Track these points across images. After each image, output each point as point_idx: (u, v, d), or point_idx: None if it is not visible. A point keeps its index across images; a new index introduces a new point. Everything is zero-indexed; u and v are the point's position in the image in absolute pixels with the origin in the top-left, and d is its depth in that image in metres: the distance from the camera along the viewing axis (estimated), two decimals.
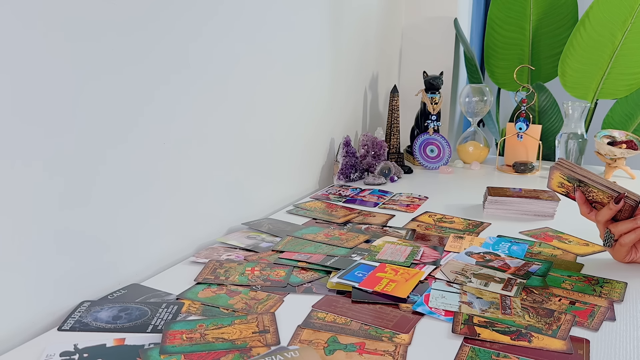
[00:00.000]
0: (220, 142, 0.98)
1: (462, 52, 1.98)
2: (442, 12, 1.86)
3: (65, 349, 0.62)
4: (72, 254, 0.71)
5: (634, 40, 1.73)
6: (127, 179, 0.78)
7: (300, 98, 1.26)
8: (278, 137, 1.18)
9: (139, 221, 0.82)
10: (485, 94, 1.61)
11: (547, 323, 0.68)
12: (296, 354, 0.59)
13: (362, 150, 1.45)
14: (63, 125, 0.67)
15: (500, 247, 0.94)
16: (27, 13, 0.61)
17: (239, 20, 0.99)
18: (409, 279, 0.80)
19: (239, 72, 1.01)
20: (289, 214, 1.14)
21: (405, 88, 1.87)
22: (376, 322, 0.68)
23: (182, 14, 0.85)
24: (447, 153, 1.57)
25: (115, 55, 0.73)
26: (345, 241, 0.95)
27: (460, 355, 0.62)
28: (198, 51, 0.89)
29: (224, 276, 0.81)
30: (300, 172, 1.30)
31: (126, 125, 0.77)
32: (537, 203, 1.13)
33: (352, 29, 1.50)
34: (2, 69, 0.59)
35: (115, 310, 0.71)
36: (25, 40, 0.61)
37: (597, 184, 0.83)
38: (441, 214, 1.14)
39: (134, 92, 0.78)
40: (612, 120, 1.92)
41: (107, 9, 0.71)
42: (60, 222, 0.69)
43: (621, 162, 1.48)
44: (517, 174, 1.54)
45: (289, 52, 1.18)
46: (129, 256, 0.81)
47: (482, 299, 0.74)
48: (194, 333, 0.65)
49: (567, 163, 0.87)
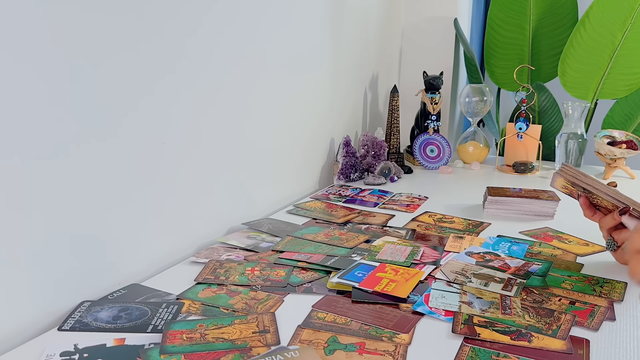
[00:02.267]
0: (221, 142, 0.98)
1: (462, 52, 1.98)
2: (442, 12, 1.86)
3: (65, 349, 0.62)
4: (72, 254, 0.71)
5: (634, 40, 1.73)
6: (127, 179, 0.78)
7: (301, 98, 1.26)
8: (278, 137, 1.18)
9: (139, 221, 0.82)
10: (485, 94, 1.61)
11: (547, 323, 0.68)
12: (296, 354, 0.59)
13: (362, 150, 1.45)
14: (63, 125, 0.67)
15: (500, 247, 0.94)
16: (28, 13, 0.61)
17: (238, 19, 0.99)
18: (409, 279, 0.80)
19: (239, 72, 1.01)
20: (289, 214, 1.14)
21: (405, 88, 1.87)
22: (376, 322, 0.68)
23: (181, 16, 0.85)
24: (447, 153, 1.57)
25: (115, 56, 0.73)
26: (345, 241, 0.95)
27: (460, 355, 0.62)
28: (198, 52, 0.89)
29: (224, 276, 0.81)
30: (300, 172, 1.30)
31: (126, 125, 0.77)
32: (537, 203, 1.13)
33: (352, 29, 1.50)
34: (4, 70, 0.59)
35: (115, 310, 0.71)
36: (25, 41, 0.61)
37: (602, 193, 0.82)
38: (441, 214, 1.14)
39: (134, 92, 0.78)
40: (612, 120, 1.92)
41: (107, 8, 0.71)
42: (60, 222, 0.69)
43: (621, 162, 1.48)
44: (517, 174, 1.54)
45: (289, 52, 1.18)
46: (129, 256, 0.81)
47: (482, 299, 0.74)
48: (194, 333, 0.65)
49: (571, 170, 0.86)
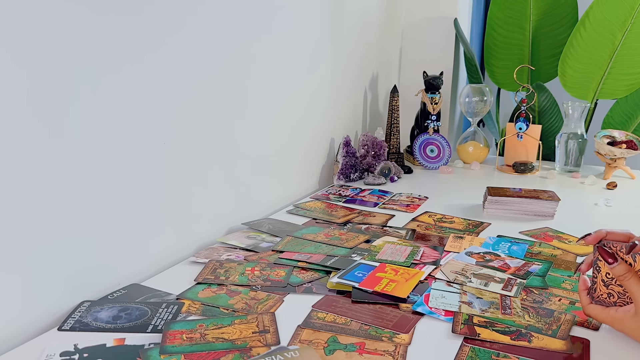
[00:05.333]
0: (221, 142, 0.98)
1: (462, 52, 1.98)
2: (442, 12, 1.87)
3: (65, 348, 0.62)
4: (73, 254, 0.71)
5: (634, 40, 1.73)
6: (127, 179, 0.78)
7: (301, 98, 1.26)
8: (278, 137, 1.18)
9: (139, 221, 0.82)
10: (485, 94, 1.61)
11: (547, 323, 0.68)
12: (296, 354, 0.59)
13: (362, 150, 1.45)
14: (63, 126, 0.67)
15: (500, 247, 0.94)
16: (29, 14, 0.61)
17: (239, 20, 0.99)
18: (409, 279, 0.80)
19: (239, 72, 1.01)
20: (289, 214, 1.14)
21: (405, 88, 1.86)
22: (376, 322, 0.68)
23: (184, 17, 0.85)
24: (447, 153, 1.57)
25: (115, 56, 0.73)
26: (345, 241, 0.95)
27: (460, 355, 0.62)
28: (198, 52, 0.89)
29: (224, 276, 0.81)
30: (300, 172, 1.30)
31: (126, 126, 0.77)
32: (537, 203, 1.13)
33: (352, 29, 1.50)
34: (3, 70, 0.59)
35: (115, 310, 0.71)
36: (24, 42, 0.61)
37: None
38: (441, 214, 1.14)
39: (134, 93, 0.78)
40: (612, 120, 1.92)
41: (108, 8, 0.71)
42: (60, 222, 0.69)
43: (621, 162, 1.48)
44: (517, 174, 1.54)
45: (288, 52, 1.18)
46: (129, 256, 0.81)
47: (482, 299, 0.74)
48: (194, 333, 0.65)
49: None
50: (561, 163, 1.58)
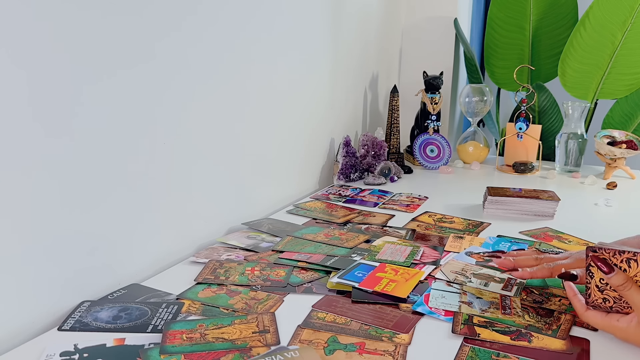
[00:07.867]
0: (221, 142, 0.98)
1: (462, 52, 1.98)
2: (442, 12, 1.87)
3: (65, 348, 0.62)
4: (73, 254, 0.71)
5: (634, 40, 1.73)
6: (127, 179, 0.78)
7: (301, 98, 1.26)
8: (278, 136, 1.18)
9: (139, 221, 0.82)
10: (485, 94, 1.61)
11: (547, 323, 0.68)
12: (296, 354, 0.59)
13: (362, 150, 1.45)
14: (63, 126, 0.67)
15: (500, 247, 0.94)
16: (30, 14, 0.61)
17: (239, 20, 0.99)
18: (409, 279, 0.80)
19: (239, 72, 1.01)
20: (289, 214, 1.14)
21: (405, 88, 1.87)
22: (376, 322, 0.68)
23: (184, 18, 0.85)
24: (447, 153, 1.57)
25: (114, 56, 0.73)
26: (345, 241, 0.95)
27: (460, 355, 0.62)
28: (198, 52, 0.89)
29: (224, 276, 0.81)
30: (300, 172, 1.30)
31: (126, 126, 0.77)
32: (537, 203, 1.13)
33: (352, 29, 1.50)
34: (2, 70, 0.59)
35: (115, 310, 0.71)
36: (25, 42, 0.61)
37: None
38: (441, 214, 1.14)
39: (134, 93, 0.78)
40: (612, 120, 1.92)
41: (108, 8, 0.71)
42: (60, 221, 0.69)
43: (621, 162, 1.48)
44: (517, 174, 1.54)
45: (288, 52, 1.18)
46: (129, 256, 0.81)
47: (482, 299, 0.74)
48: (194, 333, 0.65)
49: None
50: (561, 163, 1.58)
